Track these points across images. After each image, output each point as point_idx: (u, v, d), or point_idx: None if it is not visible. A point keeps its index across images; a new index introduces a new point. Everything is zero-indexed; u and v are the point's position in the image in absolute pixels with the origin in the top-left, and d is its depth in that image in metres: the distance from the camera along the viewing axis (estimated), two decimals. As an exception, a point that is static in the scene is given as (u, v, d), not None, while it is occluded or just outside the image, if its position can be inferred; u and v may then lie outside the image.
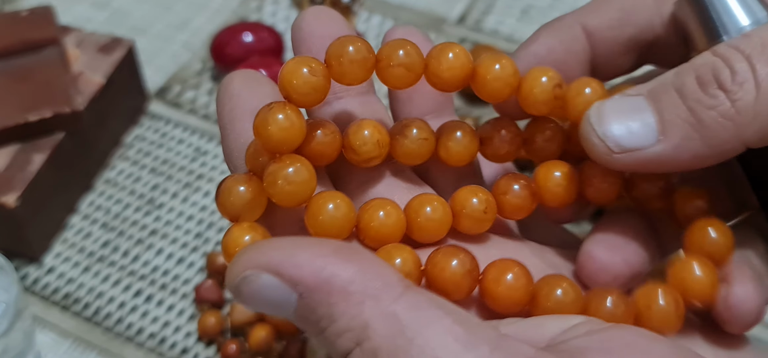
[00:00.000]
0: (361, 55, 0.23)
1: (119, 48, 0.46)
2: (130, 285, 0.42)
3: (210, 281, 0.41)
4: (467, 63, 0.24)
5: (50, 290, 0.42)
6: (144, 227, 0.44)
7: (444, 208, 0.24)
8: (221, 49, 0.50)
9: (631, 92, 0.23)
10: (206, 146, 0.48)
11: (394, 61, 0.23)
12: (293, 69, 0.22)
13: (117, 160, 0.47)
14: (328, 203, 0.23)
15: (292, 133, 0.22)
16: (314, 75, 0.22)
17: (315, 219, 0.23)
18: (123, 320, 0.40)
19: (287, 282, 0.19)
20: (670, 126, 0.22)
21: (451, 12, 0.55)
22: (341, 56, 0.23)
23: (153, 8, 0.56)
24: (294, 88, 0.22)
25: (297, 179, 0.22)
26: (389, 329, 0.18)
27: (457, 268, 0.22)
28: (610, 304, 0.22)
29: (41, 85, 0.43)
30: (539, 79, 0.24)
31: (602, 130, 0.23)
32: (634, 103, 0.23)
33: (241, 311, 0.39)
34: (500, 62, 0.24)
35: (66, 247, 0.43)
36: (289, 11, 0.55)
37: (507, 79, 0.24)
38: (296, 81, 0.22)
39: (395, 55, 0.23)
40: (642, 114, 0.22)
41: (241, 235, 0.22)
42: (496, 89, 0.24)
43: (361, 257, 0.19)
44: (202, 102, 0.50)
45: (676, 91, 0.22)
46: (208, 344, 0.39)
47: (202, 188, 0.46)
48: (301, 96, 0.22)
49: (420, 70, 0.24)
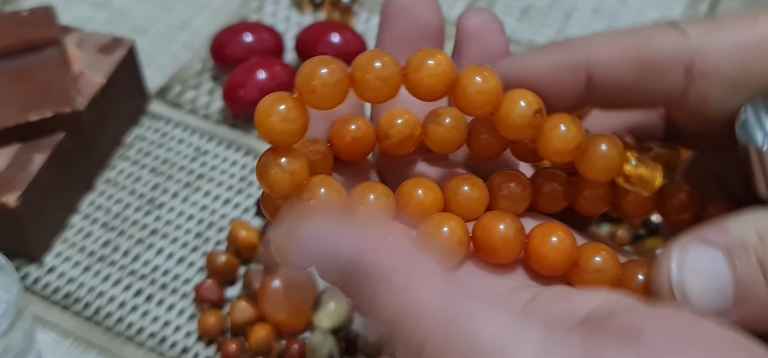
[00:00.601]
0: (335, 78, 0.22)
1: (120, 48, 0.46)
2: (131, 285, 0.42)
3: (210, 280, 0.41)
4: (450, 70, 0.23)
5: (51, 290, 0.42)
6: (144, 226, 0.44)
7: (481, 187, 0.24)
8: (221, 49, 0.50)
9: (710, 239, 0.22)
10: (206, 146, 0.48)
11: (369, 75, 0.22)
12: (267, 109, 0.22)
13: (117, 160, 0.47)
14: (370, 194, 0.23)
15: (297, 179, 0.22)
16: (291, 115, 0.22)
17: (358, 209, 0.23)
18: (123, 320, 0.40)
19: (333, 255, 0.20)
20: (745, 300, 0.21)
21: (451, 12, 0.55)
22: (313, 79, 0.22)
23: (153, 8, 0.56)
24: (272, 129, 0.22)
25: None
26: (431, 316, 0.19)
27: (506, 230, 0.23)
28: (644, 277, 0.23)
29: (42, 85, 0.43)
30: (518, 103, 0.23)
31: (680, 286, 0.22)
32: (714, 266, 0.21)
33: (242, 310, 0.39)
34: (482, 75, 0.23)
35: (66, 247, 0.43)
36: (289, 11, 0.56)
37: (488, 94, 0.23)
38: (272, 121, 0.22)
39: (371, 68, 0.22)
40: (720, 280, 0.21)
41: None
42: (475, 103, 0.23)
43: (404, 244, 0.20)
44: (202, 102, 0.50)
45: (758, 262, 0.21)
46: (208, 343, 0.40)
47: (202, 187, 0.46)
48: (282, 138, 0.22)
49: (396, 83, 0.23)
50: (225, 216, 0.44)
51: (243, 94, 0.47)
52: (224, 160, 0.47)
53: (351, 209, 0.23)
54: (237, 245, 0.42)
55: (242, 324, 0.39)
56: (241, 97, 0.47)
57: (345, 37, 0.50)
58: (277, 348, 0.38)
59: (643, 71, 0.23)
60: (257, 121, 0.22)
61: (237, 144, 0.48)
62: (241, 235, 0.42)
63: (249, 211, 0.45)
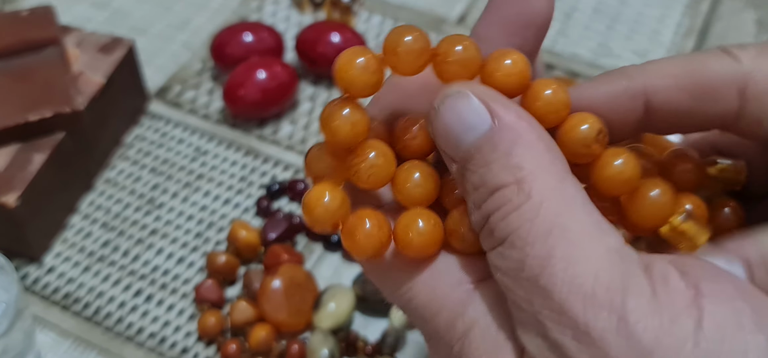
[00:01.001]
0: (419, 46, 0.23)
1: (119, 48, 0.46)
2: (130, 285, 0.42)
3: (210, 280, 0.41)
4: (526, 74, 0.24)
5: (50, 290, 0.42)
6: (144, 226, 0.44)
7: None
8: (221, 49, 0.50)
9: (730, 248, 0.23)
10: (206, 146, 0.48)
11: (451, 57, 0.23)
12: (349, 60, 0.23)
13: (117, 159, 0.47)
14: (415, 172, 0.24)
15: (358, 129, 0.23)
16: (371, 67, 0.23)
17: (402, 186, 0.24)
18: (123, 320, 0.40)
19: (490, 111, 0.22)
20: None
21: (451, 12, 0.55)
22: (399, 45, 0.23)
23: (153, 8, 0.56)
24: (351, 79, 0.23)
25: (380, 162, 0.23)
26: (547, 199, 0.21)
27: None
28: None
29: (41, 85, 0.43)
30: (582, 123, 0.23)
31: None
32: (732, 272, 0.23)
33: (241, 310, 0.39)
34: (553, 88, 0.24)
35: (66, 247, 0.43)
36: (289, 11, 0.56)
37: (557, 105, 0.23)
38: (353, 72, 0.23)
39: (452, 50, 0.23)
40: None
41: (321, 193, 0.23)
42: (542, 113, 0.24)
43: (548, 138, 0.22)
44: (202, 102, 0.50)
45: None
46: (208, 343, 0.39)
47: (202, 187, 0.46)
48: (358, 88, 0.23)
49: (475, 70, 0.24)
50: (225, 216, 0.44)
51: (243, 94, 0.47)
52: (224, 160, 0.47)
53: (395, 179, 0.24)
54: (237, 245, 0.42)
55: (242, 324, 0.39)
56: (241, 97, 0.47)
57: (345, 36, 0.50)
58: (277, 348, 0.38)
59: (698, 96, 0.24)
60: (338, 68, 0.23)
61: (237, 144, 0.48)
62: (240, 235, 0.42)
63: (249, 211, 0.45)
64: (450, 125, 0.23)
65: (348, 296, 0.39)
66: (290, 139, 0.48)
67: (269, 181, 0.46)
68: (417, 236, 0.23)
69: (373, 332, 0.39)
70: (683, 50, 0.52)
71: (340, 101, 0.23)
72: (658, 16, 0.54)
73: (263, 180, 0.46)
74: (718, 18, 0.54)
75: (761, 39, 0.53)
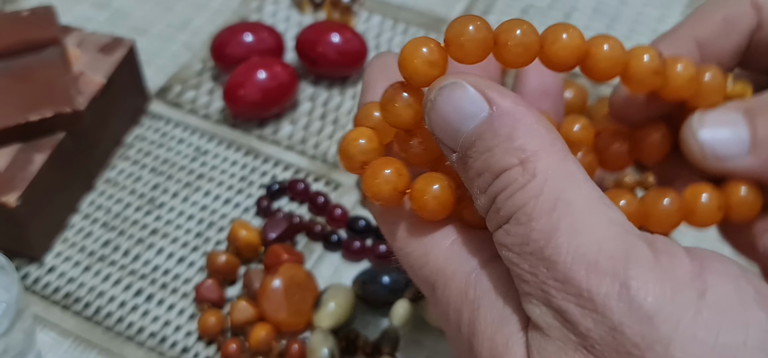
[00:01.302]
0: (481, 36, 0.24)
1: (120, 48, 0.46)
2: (131, 284, 0.42)
3: (210, 280, 0.41)
4: (581, 44, 0.25)
5: (51, 290, 0.42)
6: (144, 226, 0.44)
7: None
8: (221, 49, 0.50)
9: (730, 106, 0.26)
10: (206, 146, 0.48)
11: (511, 41, 0.24)
12: (412, 50, 0.24)
13: (117, 159, 0.47)
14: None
15: (411, 115, 0.24)
16: (433, 58, 0.24)
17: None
18: (123, 320, 0.41)
19: (486, 99, 0.23)
20: (762, 143, 0.25)
21: (451, 12, 0.55)
22: (463, 35, 0.24)
23: (153, 8, 0.56)
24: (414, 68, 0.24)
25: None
26: (551, 177, 0.22)
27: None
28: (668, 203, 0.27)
29: (42, 85, 0.43)
30: (642, 56, 0.26)
31: (700, 137, 0.26)
32: (732, 117, 0.26)
33: (242, 310, 0.39)
34: (608, 43, 0.25)
35: (67, 246, 0.43)
36: (289, 11, 0.56)
37: (616, 58, 0.25)
38: (416, 62, 0.24)
39: (513, 36, 0.24)
40: (737, 128, 0.26)
41: (359, 134, 0.25)
42: (605, 70, 0.25)
43: (546, 121, 0.23)
44: (202, 102, 0.50)
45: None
46: (208, 343, 0.40)
47: (202, 187, 0.46)
48: (421, 79, 0.24)
49: (535, 52, 0.25)
50: (225, 216, 0.44)
51: (243, 94, 0.47)
52: (224, 160, 0.47)
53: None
54: (237, 244, 0.42)
55: (242, 324, 0.39)
56: (241, 97, 0.47)
57: (345, 37, 0.50)
58: (277, 348, 0.38)
59: (729, 23, 0.28)
60: (402, 59, 0.24)
61: (237, 144, 0.48)
62: (241, 235, 0.42)
63: (249, 211, 0.45)
64: (447, 116, 0.23)
65: (348, 295, 0.39)
66: (290, 139, 0.48)
67: (269, 181, 0.46)
68: (431, 199, 0.24)
69: (373, 331, 0.40)
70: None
71: (401, 85, 0.24)
72: (658, 16, 0.54)
73: (263, 180, 0.46)
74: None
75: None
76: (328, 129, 0.49)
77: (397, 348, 0.39)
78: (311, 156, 0.47)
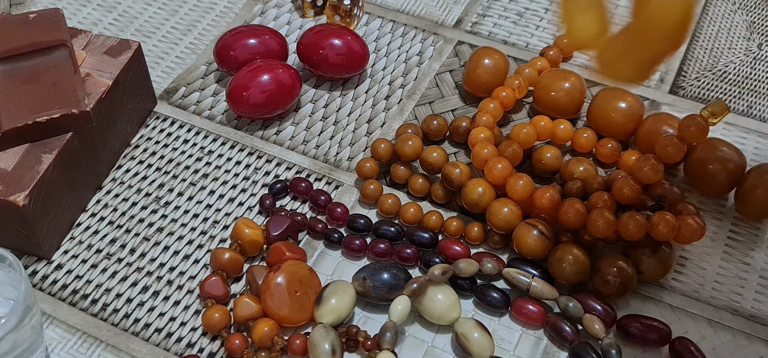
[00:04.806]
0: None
1: (126, 50, 0.47)
2: (137, 281, 0.42)
3: (215, 277, 0.41)
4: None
5: (59, 287, 0.42)
6: (150, 224, 0.45)
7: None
8: (225, 52, 0.51)
9: None
10: (211, 146, 0.48)
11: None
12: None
13: (124, 159, 0.48)
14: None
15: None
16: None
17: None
18: (130, 316, 0.41)
19: None
20: None
21: (448, 16, 0.56)
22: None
23: (159, 11, 0.57)
24: None
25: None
26: None
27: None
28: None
29: (50, 87, 0.44)
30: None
31: None
32: None
33: (245, 306, 0.40)
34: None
35: (74, 244, 0.44)
36: (291, 15, 0.56)
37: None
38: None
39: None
40: None
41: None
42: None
43: None
44: (207, 103, 0.51)
45: None
46: (212, 338, 0.40)
47: (207, 186, 0.46)
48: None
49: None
50: (229, 214, 0.45)
51: (246, 96, 0.48)
52: (228, 159, 0.48)
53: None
54: (241, 242, 0.42)
55: (246, 319, 0.40)
56: (245, 98, 0.48)
57: (346, 40, 0.50)
58: (280, 342, 0.39)
59: None
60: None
61: (240, 144, 0.48)
62: (244, 232, 0.42)
63: (252, 209, 0.45)
64: None
65: (349, 291, 0.40)
66: (292, 140, 0.49)
67: (272, 180, 0.47)
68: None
69: (374, 327, 0.40)
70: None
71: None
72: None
73: (266, 179, 0.47)
74: (709, 20, 0.55)
75: (752, 42, 0.54)
76: (329, 130, 0.49)
77: (397, 343, 0.39)
78: (313, 156, 0.48)
